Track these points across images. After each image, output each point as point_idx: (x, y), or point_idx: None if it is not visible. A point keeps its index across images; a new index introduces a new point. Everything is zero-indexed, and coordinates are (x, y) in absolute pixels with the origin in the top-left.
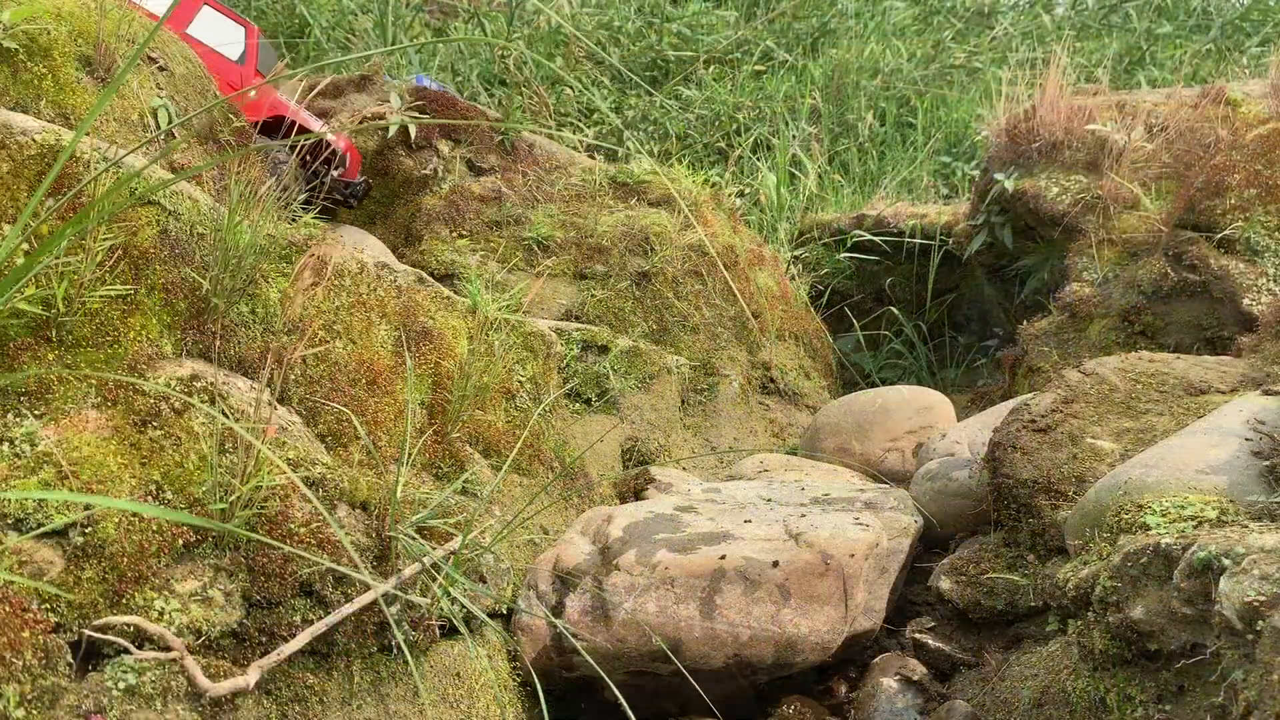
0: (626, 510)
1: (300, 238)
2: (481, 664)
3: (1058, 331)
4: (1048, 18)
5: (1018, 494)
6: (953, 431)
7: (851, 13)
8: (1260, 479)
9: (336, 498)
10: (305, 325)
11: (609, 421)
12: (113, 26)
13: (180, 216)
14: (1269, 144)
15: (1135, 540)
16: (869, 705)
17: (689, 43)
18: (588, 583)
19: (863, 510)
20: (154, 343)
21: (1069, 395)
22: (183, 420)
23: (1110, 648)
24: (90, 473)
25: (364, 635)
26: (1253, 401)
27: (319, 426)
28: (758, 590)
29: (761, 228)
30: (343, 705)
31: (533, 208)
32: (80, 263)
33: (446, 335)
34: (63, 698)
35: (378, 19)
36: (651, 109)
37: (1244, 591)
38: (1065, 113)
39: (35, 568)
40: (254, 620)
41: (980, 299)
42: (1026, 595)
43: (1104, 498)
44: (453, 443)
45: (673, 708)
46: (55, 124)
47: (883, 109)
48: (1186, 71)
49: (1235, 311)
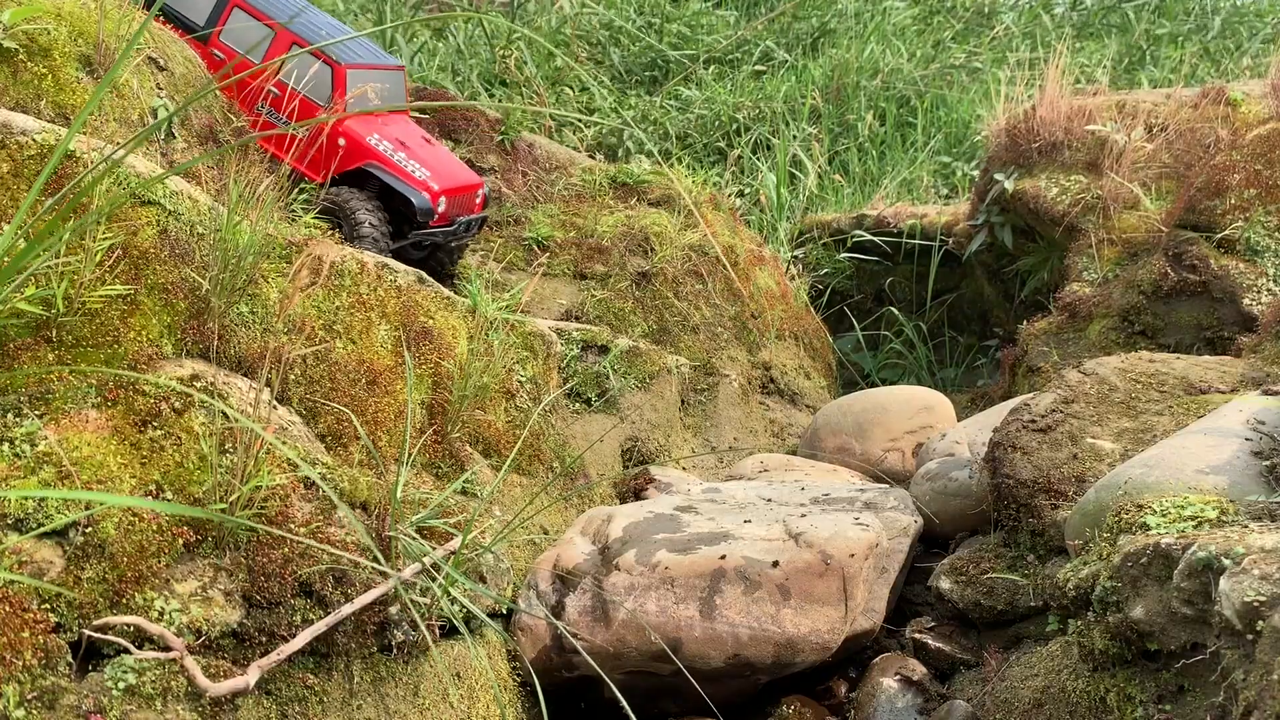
0: (626, 510)
1: (300, 238)
2: (481, 664)
3: (1058, 331)
4: (1048, 18)
5: (1018, 494)
6: (953, 431)
7: (851, 13)
8: (1260, 479)
9: (337, 497)
10: (305, 325)
11: (609, 421)
12: (112, 26)
13: (180, 216)
14: (1269, 144)
15: (1135, 540)
16: (869, 705)
17: (689, 43)
18: (588, 583)
19: (863, 510)
20: (154, 343)
21: (1069, 395)
22: (183, 420)
23: (1110, 648)
24: (90, 473)
25: (364, 635)
26: (1253, 401)
27: (319, 426)
28: (758, 590)
29: (761, 228)
30: (343, 705)
31: (533, 208)
32: (80, 262)
33: (446, 335)
34: (63, 698)
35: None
36: (651, 109)
37: (1244, 591)
38: (1065, 113)
39: (35, 568)
40: (254, 620)
41: (980, 299)
42: (1026, 595)
43: (1104, 498)
44: (453, 443)
45: (672, 708)
46: (55, 124)
47: (883, 109)
48: (1186, 71)
49: (1235, 311)
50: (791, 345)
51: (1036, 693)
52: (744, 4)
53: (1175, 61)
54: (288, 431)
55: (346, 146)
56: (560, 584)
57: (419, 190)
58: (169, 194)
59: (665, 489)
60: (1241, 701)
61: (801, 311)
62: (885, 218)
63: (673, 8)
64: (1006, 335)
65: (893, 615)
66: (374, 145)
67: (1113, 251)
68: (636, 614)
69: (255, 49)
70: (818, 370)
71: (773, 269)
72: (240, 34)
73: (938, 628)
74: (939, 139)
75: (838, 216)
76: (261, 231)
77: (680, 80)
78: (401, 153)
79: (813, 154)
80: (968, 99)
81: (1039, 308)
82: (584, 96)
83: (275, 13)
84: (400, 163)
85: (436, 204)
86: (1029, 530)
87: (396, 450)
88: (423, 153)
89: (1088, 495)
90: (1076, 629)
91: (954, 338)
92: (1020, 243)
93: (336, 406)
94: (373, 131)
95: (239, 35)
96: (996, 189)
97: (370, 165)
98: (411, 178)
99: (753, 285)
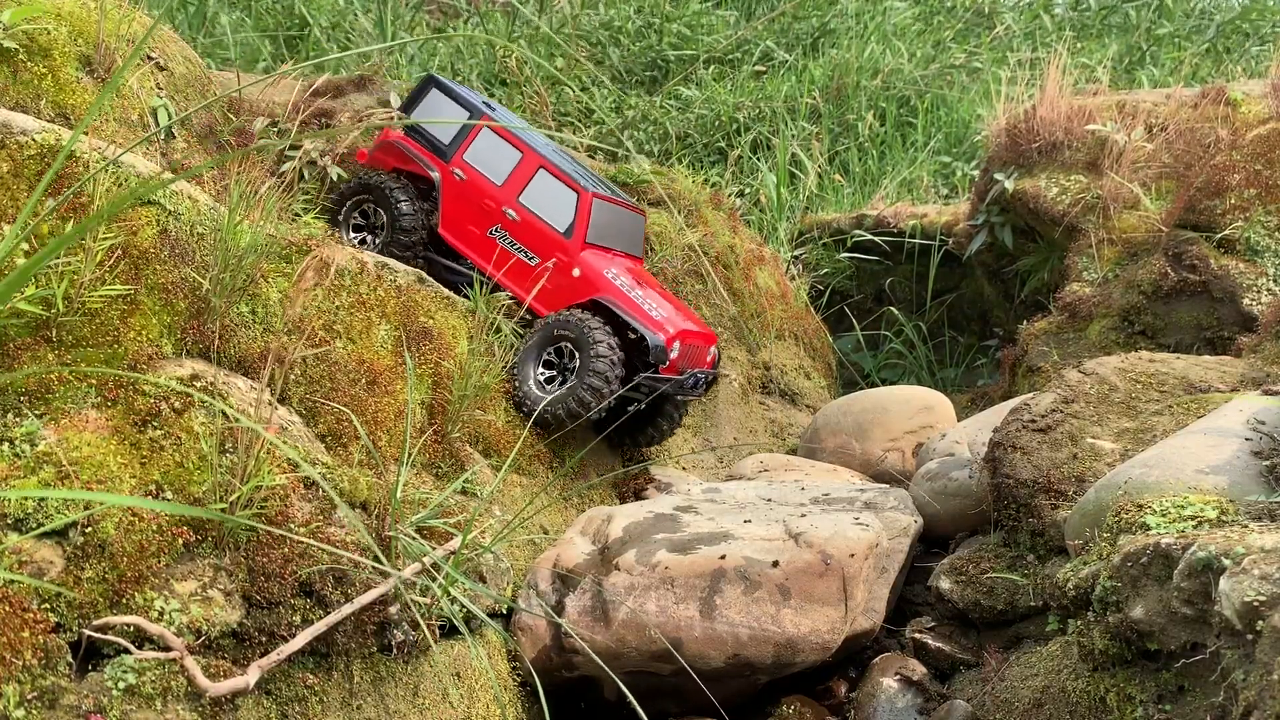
0: (626, 510)
1: (300, 238)
2: (481, 664)
3: (1058, 331)
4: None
5: (1018, 494)
6: (953, 431)
7: (852, 13)
8: (1260, 479)
9: (337, 496)
10: (305, 325)
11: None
12: (112, 26)
13: (180, 216)
14: (1269, 144)
15: (1135, 540)
16: (869, 705)
17: (689, 43)
18: (588, 583)
19: (862, 510)
20: (154, 343)
21: (1069, 395)
22: (183, 420)
23: (1110, 648)
24: (90, 473)
25: (364, 635)
26: (1253, 401)
27: (319, 426)
28: (758, 590)
29: (761, 228)
30: (343, 705)
31: None
32: (80, 263)
33: (446, 335)
34: (63, 697)
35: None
36: (651, 109)
37: (1244, 591)
38: (1065, 113)
39: (35, 567)
40: (254, 620)
41: (980, 299)
42: (1026, 595)
43: (1104, 498)
44: (453, 443)
45: (672, 707)
46: (55, 124)
47: (883, 109)
48: (1186, 71)
49: (1235, 311)
50: (791, 345)
51: (1036, 693)
52: (744, 4)
53: (1175, 61)
54: (288, 431)
55: (582, 275)
56: (560, 584)
57: (655, 330)
58: (169, 194)
59: (665, 489)
60: (1241, 701)
61: (801, 311)
62: (885, 218)
63: (673, 8)
64: (1006, 335)
65: (893, 615)
66: (611, 279)
67: (1113, 251)
68: (636, 614)
69: (498, 170)
70: (818, 370)
71: (773, 269)
72: (485, 155)
73: (938, 628)
74: (939, 139)
75: (838, 216)
76: (262, 232)
77: (680, 80)
78: (639, 290)
79: (813, 154)
80: (968, 99)
81: (1039, 308)
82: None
83: (526, 138)
84: (638, 300)
85: (671, 347)
86: (1029, 530)
87: (396, 450)
88: (660, 296)
89: (1088, 495)
90: (1076, 629)
91: (954, 338)
92: (1020, 243)
93: (336, 406)
94: (609, 266)
95: (483, 156)
96: (996, 189)
97: (605, 298)
98: (648, 316)
99: (753, 285)
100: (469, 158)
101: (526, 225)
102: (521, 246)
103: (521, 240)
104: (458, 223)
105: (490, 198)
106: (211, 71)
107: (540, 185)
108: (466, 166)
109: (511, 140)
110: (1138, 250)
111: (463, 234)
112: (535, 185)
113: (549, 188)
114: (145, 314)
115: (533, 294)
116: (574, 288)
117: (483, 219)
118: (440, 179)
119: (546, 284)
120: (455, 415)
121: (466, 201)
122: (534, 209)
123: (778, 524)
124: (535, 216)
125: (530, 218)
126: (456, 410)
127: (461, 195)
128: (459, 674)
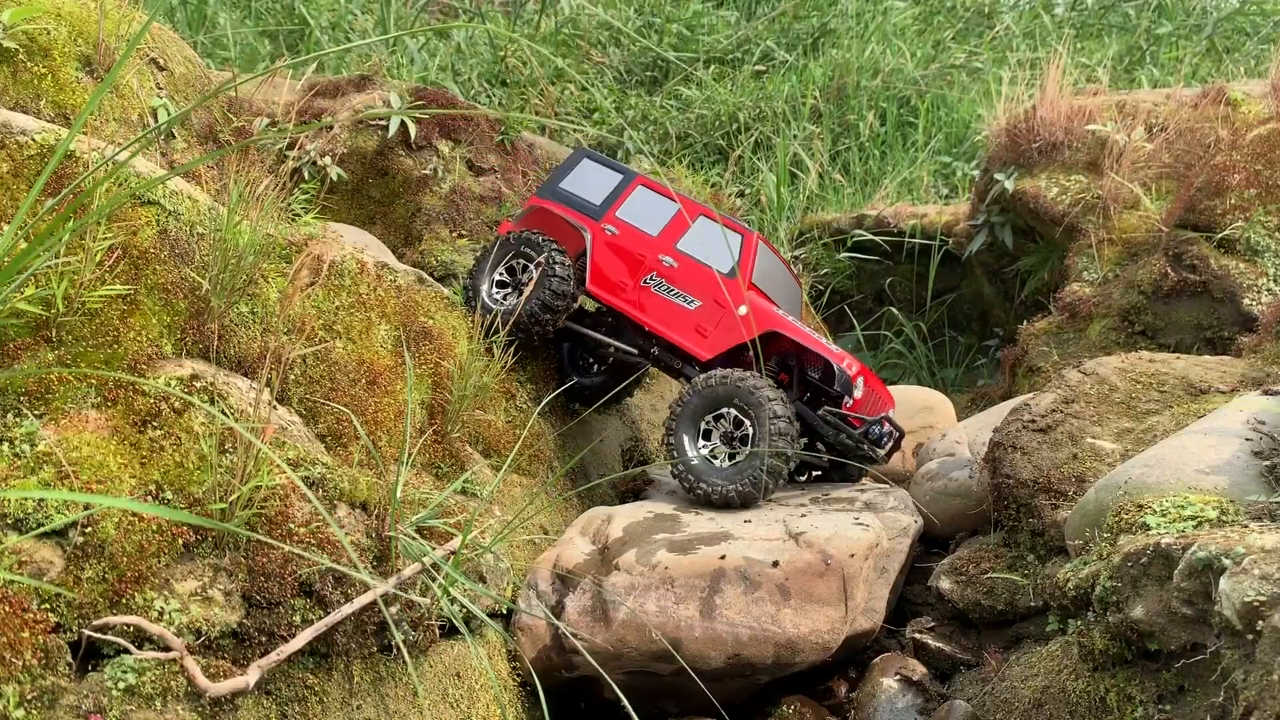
0: (626, 510)
1: (300, 238)
2: (481, 664)
3: (1058, 331)
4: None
5: (1018, 494)
6: (953, 431)
7: (852, 13)
8: (1260, 479)
9: (336, 498)
10: (305, 325)
11: (609, 421)
12: (112, 26)
13: (180, 216)
14: (1269, 144)
15: (1135, 540)
16: (869, 705)
17: (689, 43)
18: (587, 583)
19: (863, 510)
20: (154, 343)
21: (1069, 395)
22: (183, 420)
23: (1110, 648)
24: (90, 473)
25: (364, 635)
26: (1253, 401)
27: (319, 426)
28: (758, 590)
29: (762, 227)
30: (343, 705)
31: None
32: (80, 262)
33: (446, 335)
34: (63, 697)
35: (379, 19)
36: (652, 109)
37: (1244, 591)
38: (1065, 113)
39: (35, 568)
40: (254, 620)
41: (980, 299)
42: (1026, 595)
43: (1104, 498)
44: (453, 443)
45: (672, 707)
46: (55, 124)
47: (883, 109)
48: (1186, 71)
49: (1235, 311)
50: None
51: (1036, 693)
52: (744, 4)
53: (1175, 61)
54: (288, 431)
55: (752, 310)
56: (560, 584)
57: (840, 361)
58: (169, 194)
59: (665, 489)
60: (1241, 701)
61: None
62: (885, 217)
63: (673, 8)
64: (1006, 335)
65: (893, 615)
66: (781, 315)
67: (1113, 251)
68: (636, 614)
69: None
70: None
71: None
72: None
73: (938, 628)
74: (939, 139)
75: (838, 216)
76: (261, 231)
77: (680, 80)
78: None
79: (813, 154)
80: (968, 99)
81: (1039, 308)
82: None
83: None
84: (811, 333)
85: (856, 382)
86: (1029, 530)
87: (396, 450)
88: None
89: (1088, 495)
90: (1076, 629)
91: (954, 338)
92: (1020, 243)
93: (336, 406)
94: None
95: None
96: (997, 189)
97: (781, 330)
98: (829, 349)
99: None
100: (622, 214)
101: (686, 269)
102: (679, 291)
103: (679, 285)
104: (608, 277)
105: (645, 247)
106: (211, 71)
107: (700, 231)
108: (619, 222)
109: (666, 194)
110: (1138, 250)
111: (613, 287)
112: (695, 231)
113: (710, 233)
114: (145, 314)
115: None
116: (742, 325)
117: (636, 269)
118: (591, 236)
119: (707, 325)
120: (455, 415)
121: (619, 254)
122: (693, 254)
123: (777, 524)
124: (695, 261)
125: (690, 262)
126: (456, 410)
127: (613, 249)
128: (459, 674)
